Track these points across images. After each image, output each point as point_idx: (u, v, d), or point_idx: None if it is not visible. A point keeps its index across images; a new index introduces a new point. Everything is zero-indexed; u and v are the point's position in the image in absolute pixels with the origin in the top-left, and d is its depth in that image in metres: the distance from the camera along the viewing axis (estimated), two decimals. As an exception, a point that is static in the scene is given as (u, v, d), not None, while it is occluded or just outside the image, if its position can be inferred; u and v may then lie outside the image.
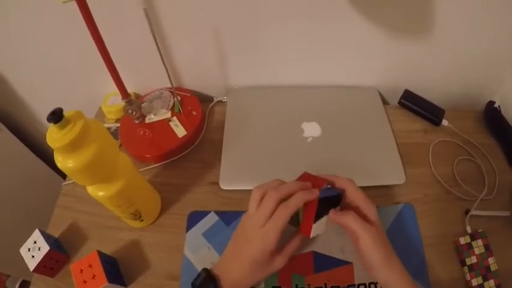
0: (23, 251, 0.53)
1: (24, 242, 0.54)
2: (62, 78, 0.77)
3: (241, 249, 0.47)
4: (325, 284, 0.52)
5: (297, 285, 0.52)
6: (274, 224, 0.44)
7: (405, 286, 0.45)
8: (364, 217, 0.46)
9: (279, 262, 0.47)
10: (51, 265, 0.54)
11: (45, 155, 0.94)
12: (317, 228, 0.46)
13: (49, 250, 0.52)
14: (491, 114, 0.72)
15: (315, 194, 0.44)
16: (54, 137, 0.40)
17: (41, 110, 0.88)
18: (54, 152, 0.42)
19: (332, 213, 0.46)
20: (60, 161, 0.42)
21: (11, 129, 0.86)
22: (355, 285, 0.52)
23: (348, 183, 0.48)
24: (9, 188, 0.86)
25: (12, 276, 1.11)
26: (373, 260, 0.45)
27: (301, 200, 0.44)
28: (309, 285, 0.52)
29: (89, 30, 0.50)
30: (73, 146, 0.40)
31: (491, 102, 0.73)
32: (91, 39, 0.52)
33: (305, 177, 0.48)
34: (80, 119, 0.41)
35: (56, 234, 0.58)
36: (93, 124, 0.43)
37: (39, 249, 0.53)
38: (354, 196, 0.47)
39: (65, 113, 0.40)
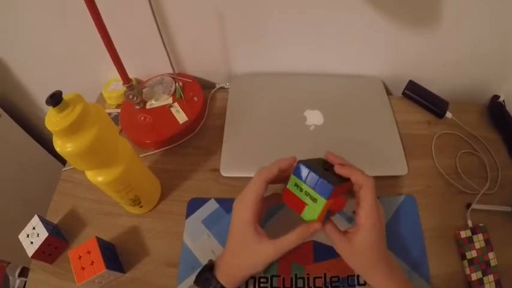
0: (21, 237, 0.53)
1: (23, 228, 0.54)
2: (63, 64, 0.76)
3: (229, 230, 0.47)
4: (325, 274, 0.52)
5: (296, 275, 0.52)
6: (249, 188, 0.45)
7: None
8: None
9: (268, 250, 0.44)
10: (49, 251, 0.54)
11: (45, 141, 0.94)
12: None
13: (48, 236, 0.52)
14: (495, 109, 0.71)
15: (291, 159, 0.45)
16: (53, 120, 0.39)
17: (42, 96, 0.87)
18: (53, 136, 0.41)
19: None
20: (59, 145, 0.41)
21: (11, 115, 0.85)
22: (354, 275, 0.52)
23: (365, 180, 0.44)
24: (9, 174, 0.86)
25: (12, 263, 1.11)
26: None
27: (276, 164, 0.45)
28: (308, 274, 0.52)
29: (90, 15, 0.50)
30: (72, 130, 0.40)
31: (496, 97, 0.73)
32: (93, 24, 0.51)
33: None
34: (79, 102, 0.40)
35: (55, 220, 0.58)
36: (93, 108, 0.43)
37: (37, 236, 0.52)
38: (363, 196, 0.44)
39: (65, 96, 0.39)
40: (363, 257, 0.44)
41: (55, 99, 0.38)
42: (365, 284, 0.51)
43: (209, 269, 0.46)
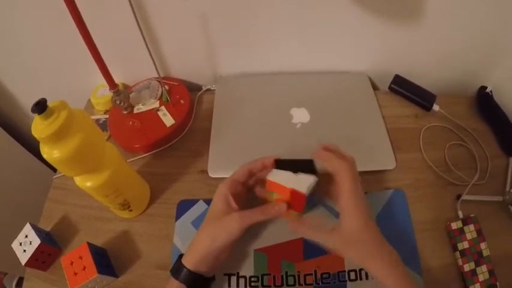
0: (14, 245, 0.54)
1: (16, 236, 0.54)
2: (51, 71, 0.77)
3: None
4: (315, 271, 0.52)
5: (286, 272, 0.52)
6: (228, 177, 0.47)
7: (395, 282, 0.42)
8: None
9: (233, 216, 0.44)
10: (43, 259, 0.54)
11: (35, 149, 0.93)
12: (279, 178, 0.46)
13: (40, 244, 0.52)
14: (483, 100, 0.71)
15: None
16: (38, 127, 0.40)
17: (30, 103, 0.86)
18: (40, 143, 0.42)
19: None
20: (46, 151, 0.42)
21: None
22: (345, 271, 0.52)
23: (339, 164, 0.44)
24: (0, 183, 0.86)
25: (9, 274, 1.11)
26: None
27: (261, 159, 0.49)
28: (298, 272, 0.52)
29: (74, 21, 0.50)
30: (58, 136, 0.40)
31: (483, 87, 0.73)
32: (77, 30, 0.51)
33: None
34: (64, 109, 0.41)
35: (47, 227, 0.59)
36: (78, 114, 0.43)
37: (30, 243, 0.53)
38: (340, 180, 0.44)
39: (49, 104, 0.40)
40: (359, 243, 0.43)
41: (40, 107, 0.39)
42: (356, 279, 0.51)
43: (178, 258, 0.47)
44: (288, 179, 0.45)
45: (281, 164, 0.48)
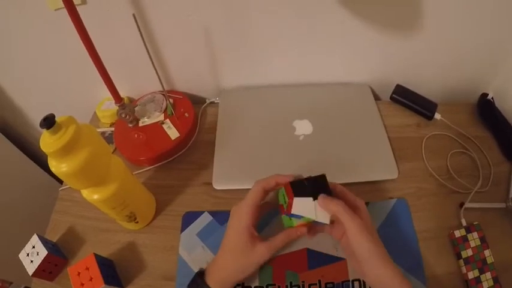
0: (22, 256, 0.54)
1: (23, 247, 0.55)
2: (57, 85, 0.78)
3: (225, 234, 0.49)
4: (320, 281, 0.52)
5: (291, 283, 0.52)
6: (246, 198, 0.47)
7: (399, 283, 0.43)
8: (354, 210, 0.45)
9: (261, 250, 0.47)
10: (49, 269, 0.55)
11: (42, 161, 0.95)
12: (301, 208, 0.46)
13: (47, 254, 0.53)
14: (484, 107, 0.72)
15: (288, 177, 0.48)
16: (47, 142, 0.41)
17: (37, 117, 0.88)
18: (48, 157, 0.43)
19: (321, 198, 0.46)
20: (54, 165, 0.43)
21: (7, 136, 0.87)
22: (349, 281, 0.52)
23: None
24: (7, 194, 0.87)
25: (14, 283, 1.11)
26: (363, 249, 0.44)
27: (274, 178, 0.48)
28: (303, 282, 0.52)
29: (79, 36, 0.51)
30: (66, 151, 0.41)
31: (485, 95, 0.73)
32: (84, 47, 0.52)
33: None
34: (71, 124, 0.42)
35: (54, 238, 0.59)
36: (85, 128, 0.44)
37: (37, 254, 0.53)
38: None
39: (57, 119, 0.41)
40: (371, 236, 0.44)
41: (48, 122, 0.40)
42: (360, 288, 0.52)
43: (200, 276, 0.48)
44: (310, 210, 0.46)
45: (296, 186, 0.47)
